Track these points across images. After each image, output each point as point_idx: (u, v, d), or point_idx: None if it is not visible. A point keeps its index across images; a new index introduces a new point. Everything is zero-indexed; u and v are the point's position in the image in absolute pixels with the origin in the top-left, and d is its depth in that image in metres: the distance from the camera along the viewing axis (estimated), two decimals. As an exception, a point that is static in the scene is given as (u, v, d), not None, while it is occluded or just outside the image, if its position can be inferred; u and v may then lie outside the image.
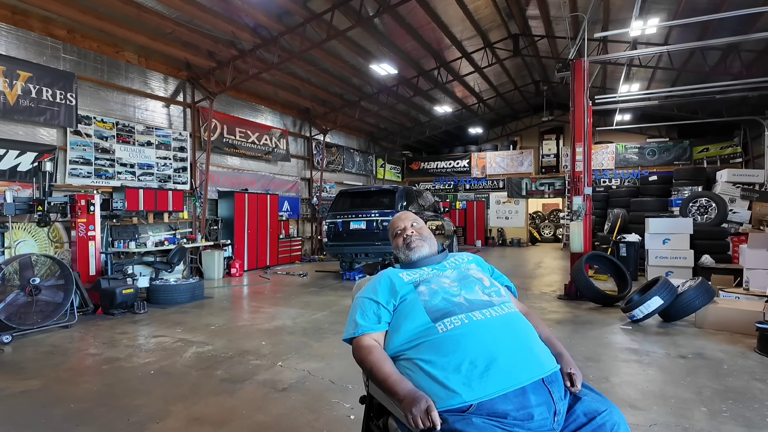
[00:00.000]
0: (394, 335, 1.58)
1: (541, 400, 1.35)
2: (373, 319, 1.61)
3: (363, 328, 1.60)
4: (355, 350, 1.59)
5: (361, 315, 1.63)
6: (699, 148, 15.39)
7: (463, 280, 1.69)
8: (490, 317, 1.51)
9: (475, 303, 1.57)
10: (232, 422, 2.86)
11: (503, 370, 1.37)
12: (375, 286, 1.71)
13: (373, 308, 1.64)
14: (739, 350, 4.24)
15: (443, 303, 1.57)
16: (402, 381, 1.40)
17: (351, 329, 1.63)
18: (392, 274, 1.75)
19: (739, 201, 10.19)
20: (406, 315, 1.58)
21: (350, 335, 1.62)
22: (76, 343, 4.79)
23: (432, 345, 1.47)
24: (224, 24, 8.00)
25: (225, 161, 10.72)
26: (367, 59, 10.28)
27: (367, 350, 1.54)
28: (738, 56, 9.35)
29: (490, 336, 1.46)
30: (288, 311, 6.17)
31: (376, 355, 1.51)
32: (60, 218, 6.84)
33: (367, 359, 1.51)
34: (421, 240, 1.87)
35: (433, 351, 1.45)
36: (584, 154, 7.01)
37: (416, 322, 1.54)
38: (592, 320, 5.50)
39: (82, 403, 3.19)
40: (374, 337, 1.59)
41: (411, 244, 1.86)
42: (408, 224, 1.92)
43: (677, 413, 2.92)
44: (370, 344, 1.56)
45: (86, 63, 7.63)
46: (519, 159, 18.67)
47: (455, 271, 1.76)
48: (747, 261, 6.15)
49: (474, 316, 1.51)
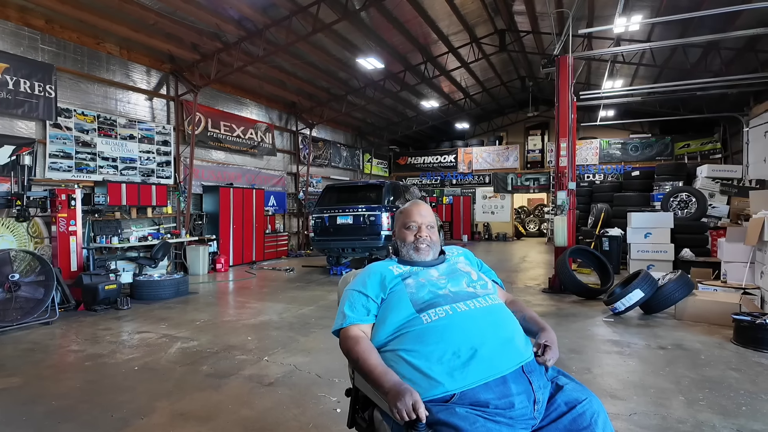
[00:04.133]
0: (380, 327, 1.59)
1: (521, 389, 1.38)
2: (362, 312, 1.61)
3: (351, 319, 1.60)
4: (342, 341, 1.59)
5: (350, 307, 1.63)
6: (680, 144, 15.68)
7: (452, 274, 1.69)
8: (474, 308, 1.53)
9: (460, 294, 1.59)
10: (218, 417, 2.85)
11: (484, 360, 1.40)
12: (365, 279, 1.70)
13: (362, 301, 1.64)
14: (717, 341, 4.35)
15: (429, 295, 1.58)
16: (387, 373, 1.41)
17: (339, 320, 1.63)
18: (383, 267, 1.73)
19: (718, 196, 10.43)
20: (393, 307, 1.59)
21: (338, 326, 1.62)
22: (57, 339, 4.72)
23: (416, 335, 1.49)
24: (208, 16, 7.88)
25: (210, 155, 10.59)
26: (353, 53, 10.23)
27: (353, 341, 1.54)
28: (718, 54, 9.53)
29: (473, 326, 1.48)
30: (274, 306, 6.14)
31: (363, 345, 1.52)
32: (40, 213, 6.71)
33: (354, 350, 1.51)
34: (430, 247, 1.80)
35: (416, 341, 1.47)
36: (568, 149, 7.09)
37: (402, 314, 1.55)
38: (576, 313, 5.59)
39: (65, 400, 3.15)
40: (362, 328, 1.59)
41: (420, 246, 1.78)
42: (424, 224, 1.82)
43: (656, 402, 3.00)
44: (357, 335, 1.56)
45: (66, 54, 7.45)
46: (505, 154, 18.80)
47: (445, 264, 1.77)
48: (725, 254, 6.30)
49: (458, 307, 1.53)
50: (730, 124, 13.63)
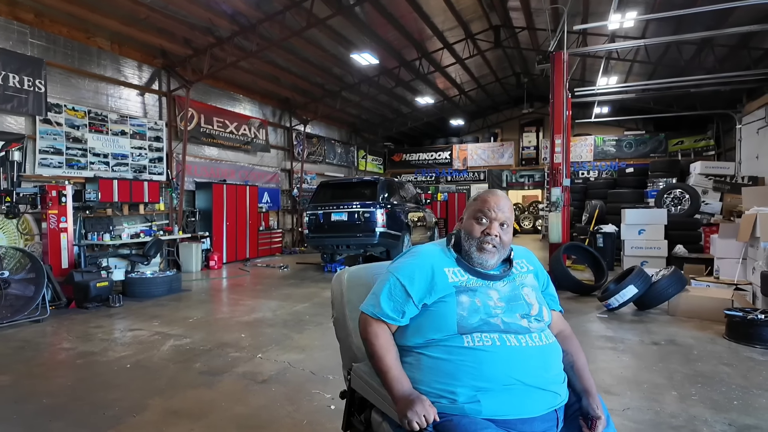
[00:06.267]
0: (410, 331, 1.45)
1: (546, 426, 1.34)
2: (397, 312, 1.45)
3: (382, 314, 1.45)
4: (364, 325, 1.47)
5: (388, 298, 1.46)
6: (674, 141, 15.77)
7: (511, 302, 1.46)
8: (524, 346, 1.38)
9: (511, 327, 1.40)
10: (211, 414, 2.83)
11: (517, 398, 1.31)
12: (413, 271, 1.48)
13: (401, 297, 1.45)
14: (709, 336, 4.38)
15: (478, 322, 1.39)
16: (402, 379, 1.34)
17: (371, 304, 1.48)
18: (438, 263, 1.50)
19: (711, 192, 10.50)
20: (434, 322, 1.42)
21: (368, 311, 1.48)
22: (48, 337, 4.67)
23: (450, 350, 1.37)
24: (201, 10, 7.79)
25: (202, 151, 10.51)
26: (348, 48, 10.17)
27: (374, 334, 1.43)
28: (712, 51, 9.56)
29: (516, 363, 1.34)
30: (268, 303, 6.11)
31: (382, 341, 1.42)
32: (30, 210, 6.63)
33: (373, 343, 1.42)
34: (497, 249, 1.51)
35: (449, 354, 1.36)
36: (563, 146, 7.10)
37: (442, 333, 1.40)
38: (570, 309, 5.60)
39: (56, 398, 3.11)
40: (389, 325, 1.47)
41: (485, 247, 1.50)
42: (499, 220, 1.52)
43: (649, 397, 3.01)
44: (380, 329, 1.44)
45: (56, 49, 7.35)
46: (500, 151, 18.82)
47: (508, 285, 1.50)
48: (717, 250, 6.35)
49: (508, 339, 1.38)
50: (723, 121, 13.72)
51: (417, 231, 9.69)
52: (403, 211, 9.07)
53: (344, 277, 1.82)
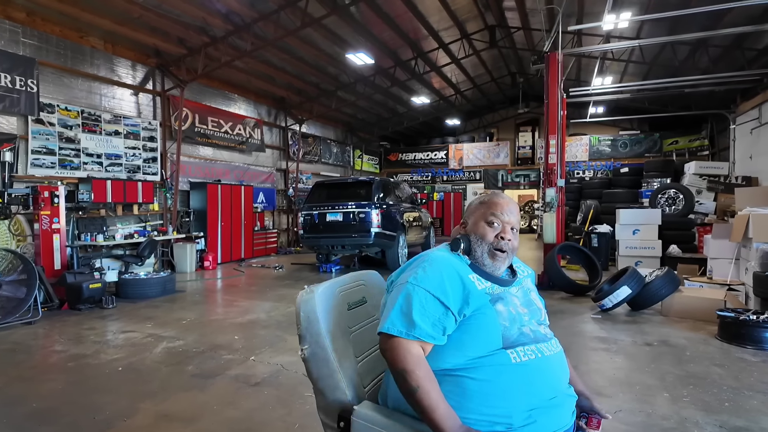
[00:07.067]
0: (449, 351, 1.28)
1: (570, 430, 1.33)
2: (437, 329, 1.25)
3: (420, 332, 1.24)
4: (396, 351, 1.23)
5: (421, 313, 1.25)
6: (669, 141, 15.83)
7: (529, 306, 1.42)
8: (552, 354, 1.34)
9: (539, 336, 1.36)
10: (203, 418, 2.82)
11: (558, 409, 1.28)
12: (442, 281, 1.30)
13: (438, 312, 1.26)
14: (702, 337, 4.40)
15: (517, 334, 1.31)
16: (452, 414, 1.18)
17: (403, 325, 1.25)
18: (461, 271, 1.36)
19: (705, 192, 10.55)
20: (478, 336, 1.28)
21: (397, 332, 1.24)
22: (40, 339, 4.63)
23: (498, 371, 1.25)
24: (195, 9, 7.75)
25: (197, 151, 10.46)
26: (343, 48, 10.15)
27: (414, 362, 1.21)
28: (706, 51, 9.60)
29: (553, 374, 1.31)
30: (263, 304, 6.10)
31: (424, 371, 1.21)
32: (22, 210, 6.58)
33: (414, 372, 1.19)
34: (508, 255, 1.45)
35: (498, 375, 1.24)
36: (558, 146, 7.11)
37: (487, 347, 1.26)
38: (564, 309, 5.62)
39: (46, 401, 3.09)
40: (425, 346, 1.26)
41: (497, 253, 1.42)
42: (510, 224, 1.46)
43: (641, 399, 3.01)
44: (419, 355, 1.24)
45: (48, 48, 7.29)
46: (495, 151, 18.85)
47: (520, 291, 1.45)
48: (711, 251, 6.37)
49: (543, 350, 1.33)
50: (717, 121, 13.78)
51: (413, 231, 9.68)
52: (399, 211, 9.06)
53: (315, 298, 1.44)
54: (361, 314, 1.62)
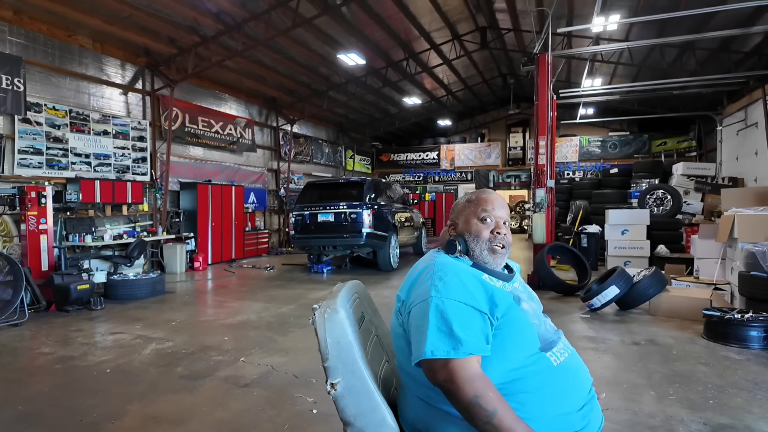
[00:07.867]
0: (493, 363, 1.17)
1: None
2: (480, 337, 1.14)
3: (470, 346, 1.11)
4: (456, 377, 1.09)
5: (462, 326, 1.13)
6: (657, 142, 16.02)
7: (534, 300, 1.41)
8: (573, 348, 1.34)
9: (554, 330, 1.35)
10: (192, 420, 2.80)
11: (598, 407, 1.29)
12: (466, 287, 1.21)
13: (477, 321, 1.16)
14: (688, 336, 4.46)
15: (545, 332, 1.28)
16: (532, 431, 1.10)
17: (444, 345, 1.11)
18: (475, 273, 1.29)
19: (693, 193, 10.70)
20: (515, 338, 1.20)
21: (444, 354, 1.11)
22: (26, 342, 4.58)
23: (546, 379, 1.19)
24: (185, 9, 7.71)
25: (187, 151, 10.39)
26: (334, 48, 10.14)
27: (482, 383, 1.09)
28: (693, 54, 9.73)
29: (584, 369, 1.31)
30: (253, 305, 6.07)
31: (494, 389, 1.10)
32: (8, 211, 6.50)
33: (488, 397, 1.07)
34: (506, 251, 1.41)
35: (549, 385, 1.19)
36: (547, 147, 7.16)
37: (527, 349, 1.20)
38: (553, 309, 5.66)
39: (32, 404, 3.05)
40: (477, 360, 1.14)
41: (496, 249, 1.38)
42: (502, 218, 1.42)
43: (628, 398, 3.05)
44: (481, 372, 1.12)
45: (35, 47, 7.21)
46: (487, 151, 18.94)
47: (519, 284, 1.43)
48: (697, 251, 6.46)
49: (566, 347, 1.30)
50: (704, 122, 13.98)
51: (404, 231, 9.70)
52: (390, 212, 9.07)
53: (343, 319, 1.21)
54: (365, 331, 1.50)
